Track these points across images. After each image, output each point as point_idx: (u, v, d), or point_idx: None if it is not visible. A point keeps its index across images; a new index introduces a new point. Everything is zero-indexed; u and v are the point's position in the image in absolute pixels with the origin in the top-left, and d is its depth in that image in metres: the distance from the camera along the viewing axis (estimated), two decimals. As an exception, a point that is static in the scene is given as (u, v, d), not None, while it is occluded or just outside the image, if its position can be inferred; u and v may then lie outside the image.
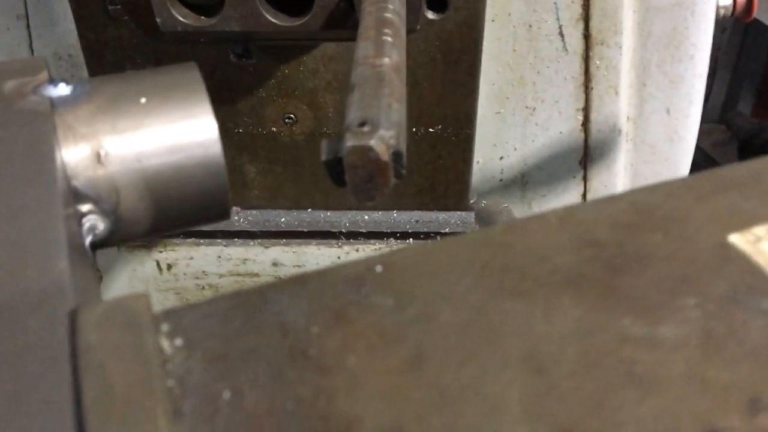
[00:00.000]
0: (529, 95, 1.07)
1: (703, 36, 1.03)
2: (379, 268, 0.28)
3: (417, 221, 1.02)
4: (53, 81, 0.37)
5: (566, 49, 1.03)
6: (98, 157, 0.36)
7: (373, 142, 0.35)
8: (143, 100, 0.38)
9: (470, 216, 1.02)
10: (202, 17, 0.57)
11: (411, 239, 1.02)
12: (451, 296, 0.26)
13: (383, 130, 0.36)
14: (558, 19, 1.01)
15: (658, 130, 1.12)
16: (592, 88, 1.07)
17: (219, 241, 1.02)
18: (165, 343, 0.25)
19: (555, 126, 1.09)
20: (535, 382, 0.23)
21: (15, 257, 0.27)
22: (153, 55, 0.88)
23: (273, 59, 0.87)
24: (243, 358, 0.24)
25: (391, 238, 1.02)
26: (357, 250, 1.03)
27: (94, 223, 0.35)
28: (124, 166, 0.36)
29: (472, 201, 1.08)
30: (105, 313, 0.24)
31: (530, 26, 1.01)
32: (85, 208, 0.35)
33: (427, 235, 1.02)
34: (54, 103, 0.36)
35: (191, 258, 1.03)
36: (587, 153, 1.13)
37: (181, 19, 0.56)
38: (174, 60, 0.87)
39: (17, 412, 0.22)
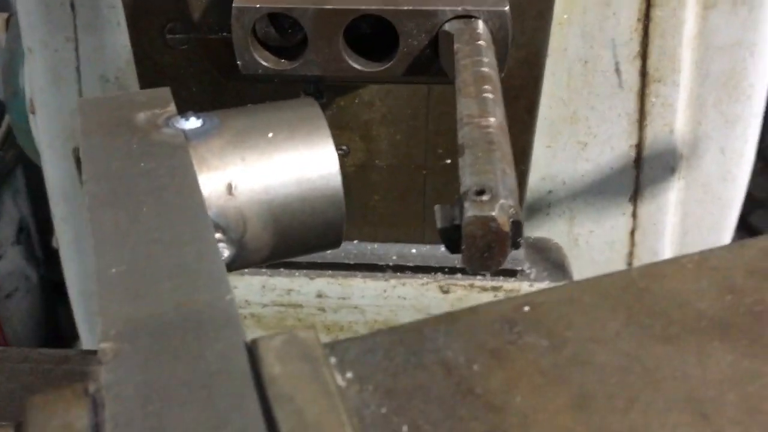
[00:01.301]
0: (581, 130, 1.09)
1: (761, 76, 1.06)
2: (526, 308, 0.30)
3: (466, 256, 1.04)
4: (184, 114, 0.40)
5: (622, 86, 1.06)
6: (229, 189, 0.39)
7: (495, 213, 0.38)
8: (270, 134, 0.40)
9: (519, 253, 1.04)
10: (282, 60, 0.60)
11: (459, 274, 1.05)
12: (603, 339, 0.29)
13: (503, 200, 0.38)
14: (615, 56, 1.04)
15: (712, 169, 1.14)
16: (646, 126, 1.09)
17: (264, 270, 1.05)
18: (337, 376, 0.27)
19: (606, 162, 1.12)
20: (702, 427, 0.25)
21: (183, 287, 0.30)
22: (209, 84, 0.92)
23: (331, 91, 0.91)
24: (413, 393, 0.27)
25: (439, 273, 1.04)
26: (404, 284, 1.05)
27: (221, 251, 0.38)
28: (252, 197, 0.39)
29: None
30: (283, 346, 0.27)
31: (586, 62, 1.04)
32: (215, 236, 0.38)
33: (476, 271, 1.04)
34: (187, 136, 0.39)
35: (235, 287, 1.06)
36: (638, 190, 1.16)
37: (262, 62, 0.59)
38: (232, 90, 0.91)
39: (214, 440, 0.24)
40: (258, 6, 0.57)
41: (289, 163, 0.40)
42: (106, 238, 0.32)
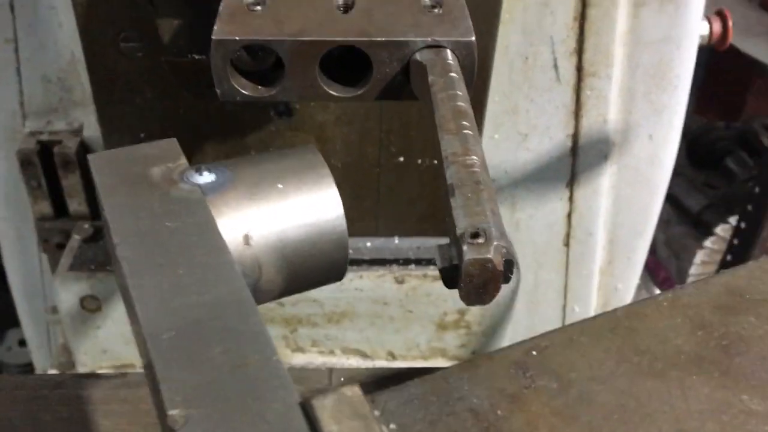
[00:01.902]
0: (522, 122, 1.15)
1: (686, 67, 1.14)
2: (534, 353, 0.35)
3: (419, 248, 1.10)
4: (197, 168, 0.43)
5: (559, 80, 1.12)
6: (246, 239, 0.42)
7: (490, 255, 0.42)
8: (280, 185, 0.43)
9: (469, 241, 1.10)
10: (260, 87, 0.63)
11: (413, 265, 1.10)
12: (601, 378, 0.34)
13: (497, 242, 0.43)
14: (553, 52, 1.10)
15: (641, 155, 1.23)
16: (582, 116, 1.16)
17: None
18: (384, 429, 0.31)
19: (545, 151, 1.19)
20: (691, 453, 0.31)
21: (233, 351, 0.33)
22: (162, 89, 0.92)
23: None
24: (450, 439, 0.31)
25: (394, 265, 1.09)
26: (360, 277, 1.10)
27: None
28: (267, 245, 0.42)
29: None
30: (335, 405, 0.31)
31: (526, 58, 1.09)
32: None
33: (429, 262, 1.10)
34: (203, 190, 0.42)
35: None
36: (574, 176, 1.23)
37: (240, 90, 0.61)
38: (186, 97, 0.92)
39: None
40: (237, 38, 0.59)
41: (299, 211, 0.43)
42: (150, 304, 0.35)
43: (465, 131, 0.53)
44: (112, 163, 0.43)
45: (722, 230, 1.92)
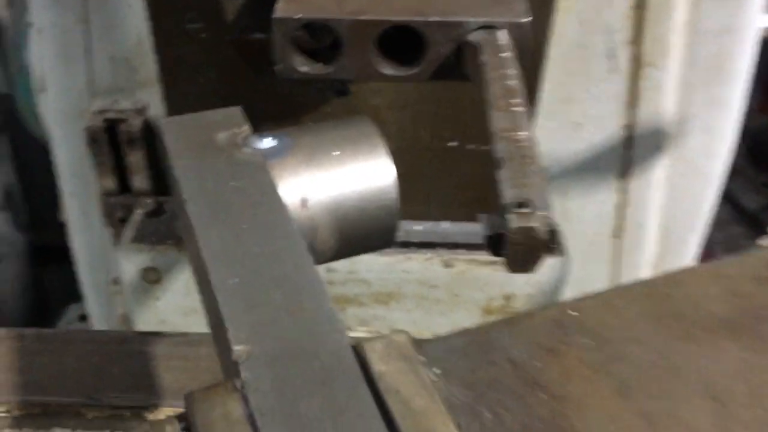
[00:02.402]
0: (576, 112, 1.16)
1: (746, 60, 1.13)
2: (572, 312, 0.37)
3: (468, 232, 1.12)
4: (259, 134, 0.46)
5: (615, 70, 1.12)
6: (303, 202, 0.45)
7: (535, 224, 0.45)
8: (336, 152, 0.46)
9: (519, 228, 1.12)
10: (318, 64, 0.66)
11: (462, 249, 1.12)
12: (636, 339, 0.36)
13: (541, 212, 0.45)
14: (609, 41, 1.10)
15: (697, 147, 1.22)
16: (637, 107, 1.16)
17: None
18: (428, 372, 0.34)
19: (598, 141, 1.19)
20: (720, 410, 0.33)
21: (291, 296, 0.36)
22: (224, 69, 0.97)
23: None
24: (489, 385, 0.34)
25: (442, 248, 1.12)
26: (409, 259, 1.12)
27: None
28: (322, 208, 0.45)
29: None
30: (384, 348, 0.34)
31: (582, 47, 1.10)
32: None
33: (478, 247, 1.12)
34: (264, 155, 0.45)
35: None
36: (627, 167, 1.23)
37: (299, 68, 0.65)
38: (249, 76, 0.96)
39: (338, 426, 0.31)
40: (297, 17, 0.63)
41: (353, 178, 0.46)
42: (217, 254, 0.39)
43: (514, 108, 0.55)
44: (182, 127, 0.47)
45: (780, 230, 1.89)
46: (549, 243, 0.46)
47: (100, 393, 0.61)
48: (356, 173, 0.47)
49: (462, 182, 1.09)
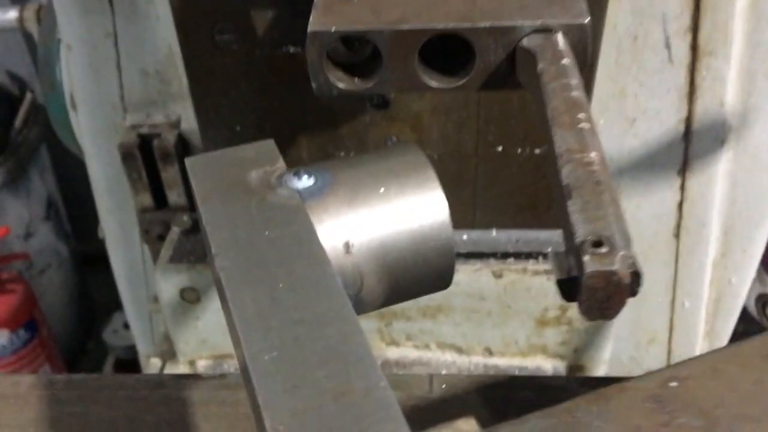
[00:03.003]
0: (630, 106, 1.09)
1: (814, 45, 1.05)
2: (674, 384, 0.31)
3: (518, 241, 1.05)
4: (296, 171, 0.41)
5: (672, 61, 1.04)
6: (347, 247, 0.39)
7: (615, 267, 0.38)
8: (381, 189, 0.41)
9: (572, 234, 1.05)
10: (356, 80, 0.60)
11: (512, 258, 1.06)
12: (752, 416, 0.30)
13: (623, 251, 0.39)
14: (665, 31, 1.02)
15: (761, 138, 1.14)
16: (696, 99, 1.08)
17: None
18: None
19: (654, 137, 1.11)
20: None
21: (337, 375, 0.31)
22: (257, 82, 0.92)
23: (382, 83, 0.90)
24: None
25: (491, 258, 1.05)
26: (456, 270, 1.06)
27: (342, 314, 0.39)
28: (368, 253, 0.40)
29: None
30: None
31: (636, 38, 1.03)
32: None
33: (528, 255, 1.05)
34: (302, 196, 0.40)
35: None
36: (686, 163, 1.15)
37: (336, 83, 0.59)
38: (281, 88, 0.91)
39: None
40: (333, 29, 0.57)
41: (402, 218, 0.41)
42: (251, 321, 0.33)
43: (581, 125, 0.48)
44: (209, 166, 0.41)
45: None
46: (632, 287, 0.39)
47: (134, 445, 0.56)
48: (405, 211, 0.41)
49: (509, 188, 1.03)
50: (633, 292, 0.40)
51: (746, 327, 1.68)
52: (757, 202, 1.21)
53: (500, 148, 0.99)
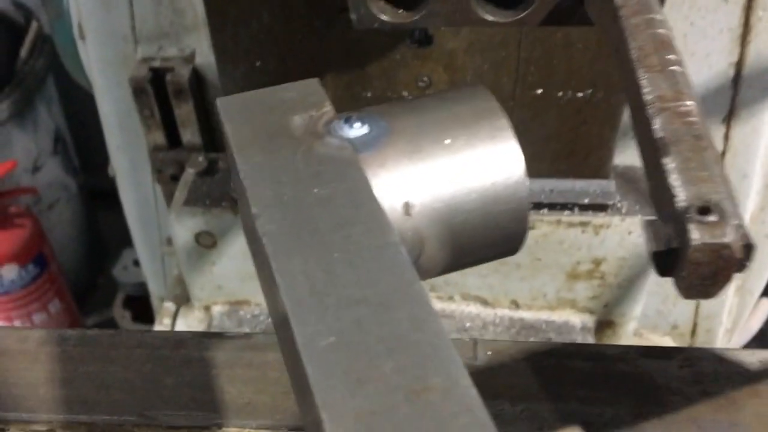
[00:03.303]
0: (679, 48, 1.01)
1: None
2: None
3: (552, 191, 0.99)
4: (346, 118, 0.35)
5: (727, -1, 0.96)
6: (406, 208, 0.34)
7: (728, 240, 0.33)
8: (447, 140, 0.35)
9: (611, 185, 0.99)
10: (401, 11, 0.53)
11: (546, 209, 1.00)
12: None
13: (734, 220, 0.33)
14: (722, -35, 0.94)
15: (814, 87, 1.06)
16: (749, 42, 1.01)
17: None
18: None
19: (702, 81, 1.04)
20: None
21: (409, 368, 0.26)
22: (280, 12, 0.84)
23: (415, 17, 0.83)
24: None
25: (524, 208, 0.99)
26: (487, 220, 1.01)
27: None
28: (431, 216, 0.34)
29: (606, 165, 1.04)
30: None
31: (689, -28, 0.94)
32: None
33: (563, 206, 0.99)
34: (354, 147, 0.34)
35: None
36: (733, 110, 1.08)
37: (379, 15, 0.52)
38: (304, 19, 0.83)
39: None
40: (379, -49, 0.50)
41: (472, 174, 0.35)
42: (302, 299, 0.28)
43: (673, 67, 0.42)
44: (246, 109, 0.35)
45: None
46: (742, 262, 0.34)
47: (152, 410, 0.52)
48: (475, 166, 0.35)
49: (547, 134, 0.96)
50: (742, 267, 0.34)
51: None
52: (803, 154, 1.14)
53: (540, 91, 0.91)
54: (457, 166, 0.35)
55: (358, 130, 0.34)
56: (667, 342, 1.23)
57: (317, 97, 0.36)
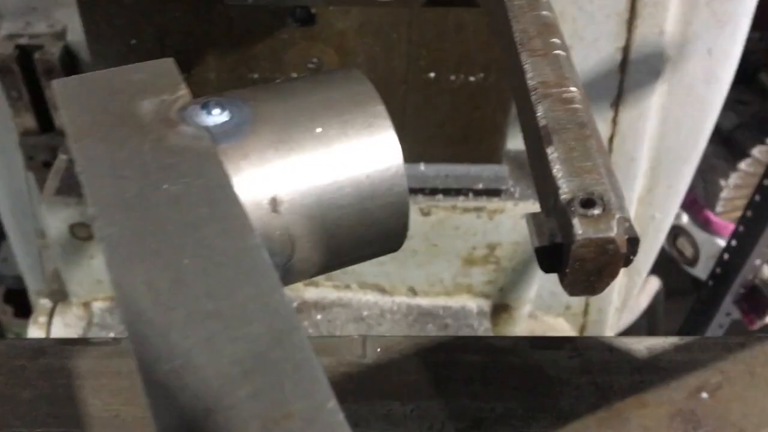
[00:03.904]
0: (567, 33, 1.01)
1: (758, -28, 0.99)
2: (704, 396, 0.24)
3: (447, 176, 0.98)
4: (203, 103, 0.31)
5: (614, -17, 0.97)
6: (274, 205, 0.30)
7: (613, 234, 0.31)
8: (318, 129, 0.31)
9: (504, 170, 0.98)
10: (279, -16, 0.49)
11: (441, 195, 0.98)
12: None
13: (619, 213, 0.32)
14: (609, -50, 0.95)
15: (697, 71, 1.09)
16: (636, 27, 1.02)
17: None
18: None
19: (591, 66, 1.05)
20: None
21: (269, 393, 0.22)
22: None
23: (302, -5, 0.79)
24: None
25: (419, 195, 0.98)
26: (381, 206, 0.98)
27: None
28: (302, 213, 0.31)
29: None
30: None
31: (577, -44, 0.94)
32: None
33: (458, 192, 0.98)
34: (213, 137, 0.30)
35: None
36: (620, 95, 1.10)
37: (253, -9, 0.48)
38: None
39: None
40: None
41: (345, 167, 0.32)
42: (143, 314, 0.24)
43: (557, 52, 0.40)
44: (86, 93, 0.31)
45: (759, 152, 1.80)
46: (627, 256, 0.32)
47: (5, 428, 0.46)
48: (349, 158, 0.32)
49: (440, 119, 0.94)
50: (628, 262, 0.33)
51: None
52: (687, 138, 1.18)
53: (432, 75, 0.89)
54: (329, 157, 0.31)
55: (217, 117, 0.31)
56: (561, 323, 1.25)
57: (171, 78, 0.32)
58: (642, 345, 0.52)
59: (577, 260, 0.32)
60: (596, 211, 0.32)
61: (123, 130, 0.30)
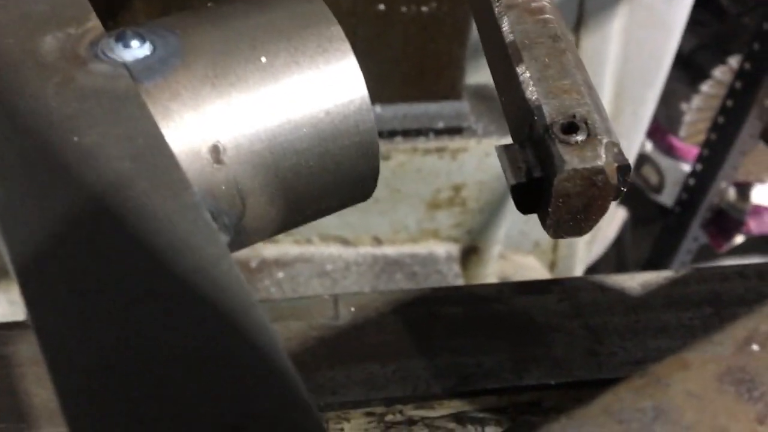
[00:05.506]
0: (523, -45, 0.96)
1: None
2: (755, 348, 0.20)
3: (405, 116, 0.93)
4: (119, 35, 0.25)
5: None
6: (215, 154, 0.25)
7: (601, 163, 0.26)
8: (263, 59, 0.26)
9: (464, 106, 0.94)
10: None
11: (400, 137, 0.93)
12: None
13: (605, 137, 0.27)
14: None
15: (658, -10, 1.05)
16: (594, -55, 0.97)
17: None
18: None
19: (549, -10, 1.00)
20: None
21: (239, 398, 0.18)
22: None
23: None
24: None
25: (378, 137, 0.92)
26: (338, 154, 0.93)
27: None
28: (251, 162, 0.26)
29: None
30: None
31: None
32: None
33: (418, 132, 0.93)
34: (133, 74, 0.24)
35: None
36: (581, 19, 1.05)
37: None
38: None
39: None
40: None
41: (299, 103, 0.26)
42: (49, 300, 0.19)
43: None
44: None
45: (720, 72, 1.78)
46: (617, 188, 0.28)
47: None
48: (303, 91, 0.27)
49: (394, 55, 0.89)
50: (618, 194, 0.28)
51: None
52: (649, 61, 1.14)
53: (382, 7, 0.84)
54: (279, 92, 0.26)
55: (137, 50, 0.25)
56: (531, 261, 1.23)
57: (78, 8, 0.26)
58: (635, 282, 0.49)
59: (561, 196, 0.27)
60: (580, 137, 0.27)
61: (21, 73, 0.24)
